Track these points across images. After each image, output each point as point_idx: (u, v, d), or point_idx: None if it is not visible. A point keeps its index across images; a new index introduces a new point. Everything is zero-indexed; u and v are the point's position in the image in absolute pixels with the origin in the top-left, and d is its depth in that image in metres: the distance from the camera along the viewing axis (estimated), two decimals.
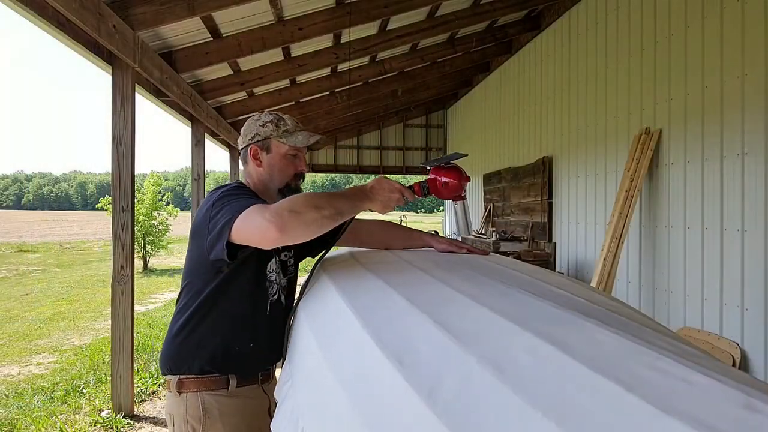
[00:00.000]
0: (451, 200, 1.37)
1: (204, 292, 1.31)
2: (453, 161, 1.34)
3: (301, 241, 1.11)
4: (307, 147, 1.45)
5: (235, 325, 1.33)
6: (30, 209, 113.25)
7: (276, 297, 1.40)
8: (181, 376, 1.33)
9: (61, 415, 3.49)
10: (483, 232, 7.98)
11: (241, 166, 1.50)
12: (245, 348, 1.35)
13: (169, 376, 1.36)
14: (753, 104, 3.27)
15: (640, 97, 4.41)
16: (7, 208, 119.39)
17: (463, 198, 1.36)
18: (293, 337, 1.20)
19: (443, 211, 15.13)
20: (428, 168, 1.36)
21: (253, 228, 1.08)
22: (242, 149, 1.45)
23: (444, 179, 1.30)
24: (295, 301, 1.36)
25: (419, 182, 1.32)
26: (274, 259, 1.39)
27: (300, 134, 1.41)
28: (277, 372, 1.38)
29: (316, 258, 1.47)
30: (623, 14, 4.70)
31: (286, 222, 1.04)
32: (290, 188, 1.42)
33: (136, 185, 3.62)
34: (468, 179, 1.32)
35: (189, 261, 1.36)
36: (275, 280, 1.40)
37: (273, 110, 1.46)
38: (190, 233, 1.33)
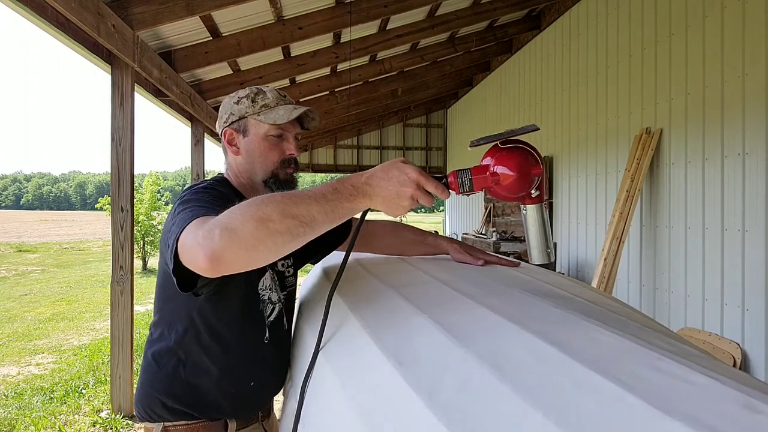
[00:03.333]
0: (519, 203, 0.88)
1: (184, 321, 1.07)
2: (517, 136, 0.83)
3: (254, 268, 0.76)
4: (298, 125, 1.16)
5: (229, 362, 1.09)
6: (29, 209, 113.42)
7: (275, 317, 1.15)
8: (167, 424, 1.09)
9: (60, 415, 3.49)
10: (483, 232, 7.98)
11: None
12: (245, 389, 1.12)
13: (149, 424, 1.11)
14: (754, 104, 3.27)
15: (641, 96, 4.41)
16: (6, 208, 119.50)
17: (536, 199, 0.86)
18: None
19: (443, 210, 14.96)
20: (470, 148, 0.88)
21: (187, 252, 0.77)
22: (220, 135, 1.19)
23: (498, 168, 0.82)
24: (316, 347, 0.92)
25: (458, 170, 0.84)
26: (268, 273, 1.13)
27: (281, 108, 1.11)
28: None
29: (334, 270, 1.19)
30: (623, 14, 4.69)
31: (216, 245, 0.70)
32: (278, 180, 1.13)
33: (135, 185, 3.62)
34: (539, 170, 0.82)
35: (162, 276, 1.09)
36: (269, 298, 1.14)
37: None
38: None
